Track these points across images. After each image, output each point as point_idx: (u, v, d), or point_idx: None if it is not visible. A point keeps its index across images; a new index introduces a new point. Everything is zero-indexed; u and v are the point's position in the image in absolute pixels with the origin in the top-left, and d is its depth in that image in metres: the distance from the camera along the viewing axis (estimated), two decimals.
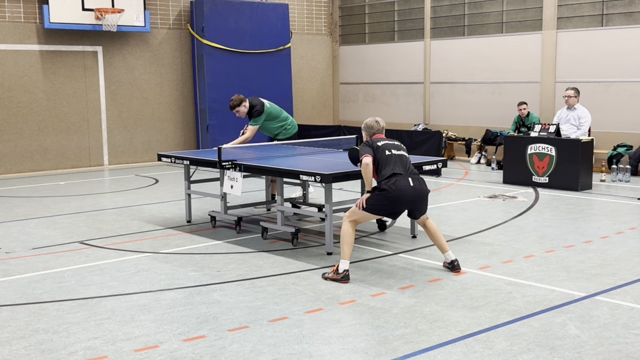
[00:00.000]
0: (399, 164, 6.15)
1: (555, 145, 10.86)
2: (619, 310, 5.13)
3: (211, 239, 7.69)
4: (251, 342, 4.61)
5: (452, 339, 4.61)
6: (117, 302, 5.50)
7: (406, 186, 6.05)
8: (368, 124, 6.50)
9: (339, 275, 5.96)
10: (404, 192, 6.04)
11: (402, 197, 6.05)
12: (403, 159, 6.24)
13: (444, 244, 6.30)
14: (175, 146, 15.51)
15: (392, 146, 6.28)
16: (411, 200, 6.11)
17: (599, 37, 13.19)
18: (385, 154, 6.18)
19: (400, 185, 6.03)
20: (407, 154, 6.37)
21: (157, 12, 15.09)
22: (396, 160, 6.17)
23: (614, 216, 8.72)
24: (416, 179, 6.16)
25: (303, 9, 17.48)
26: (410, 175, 6.14)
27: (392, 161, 6.15)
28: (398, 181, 6.05)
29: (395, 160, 6.16)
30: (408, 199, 6.09)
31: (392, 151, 6.21)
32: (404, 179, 6.07)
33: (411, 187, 6.07)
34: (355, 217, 6.17)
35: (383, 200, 6.07)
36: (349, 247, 6.03)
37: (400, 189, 6.03)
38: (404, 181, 6.06)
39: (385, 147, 6.23)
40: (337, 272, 5.99)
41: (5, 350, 4.54)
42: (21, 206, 10.05)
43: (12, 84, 13.49)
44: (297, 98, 17.20)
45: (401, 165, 6.15)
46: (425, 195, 6.24)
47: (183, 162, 8.47)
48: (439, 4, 15.77)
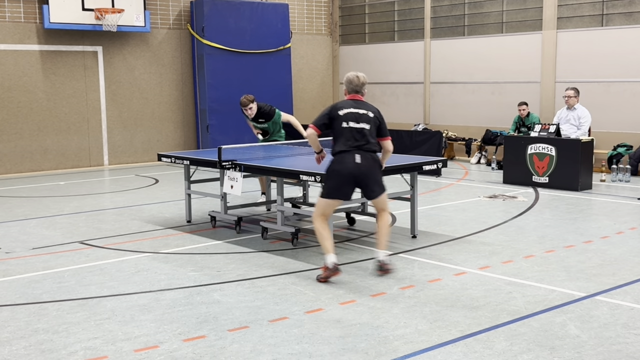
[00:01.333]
0: (350, 139, 5.89)
1: (555, 145, 10.86)
2: (619, 310, 5.13)
3: (211, 239, 7.69)
4: (251, 342, 4.61)
5: (452, 339, 4.61)
6: (117, 302, 5.50)
7: (350, 162, 5.85)
8: (348, 78, 6.12)
9: (329, 270, 5.87)
10: (348, 169, 5.85)
11: (346, 174, 5.87)
12: (360, 132, 5.92)
13: (382, 242, 6.05)
14: (175, 146, 15.51)
15: (354, 116, 5.97)
16: (356, 177, 5.90)
17: (599, 37, 13.19)
18: (342, 126, 5.93)
19: (345, 162, 5.86)
20: (369, 125, 5.98)
21: (157, 12, 15.09)
22: (350, 133, 5.91)
23: (614, 216, 8.72)
24: (366, 156, 5.89)
25: (303, 9, 17.48)
26: (360, 151, 5.89)
27: (344, 135, 5.91)
28: (344, 158, 5.87)
29: (348, 134, 5.91)
30: (352, 177, 5.88)
31: (350, 123, 5.93)
32: (350, 156, 5.86)
33: (356, 163, 5.85)
34: (319, 210, 6.05)
35: (330, 181, 5.96)
36: (327, 241, 5.93)
37: (344, 166, 5.85)
38: (350, 157, 5.86)
39: (345, 117, 5.95)
40: (326, 268, 5.92)
41: (5, 350, 4.54)
42: (21, 206, 10.06)
43: (12, 84, 13.49)
44: (297, 98, 17.19)
45: (353, 140, 5.89)
46: (371, 174, 5.94)
47: (183, 162, 8.47)
48: (439, 4, 15.77)
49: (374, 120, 6.05)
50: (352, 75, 6.14)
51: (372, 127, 6.02)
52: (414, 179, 7.57)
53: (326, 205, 6.05)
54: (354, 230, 8.09)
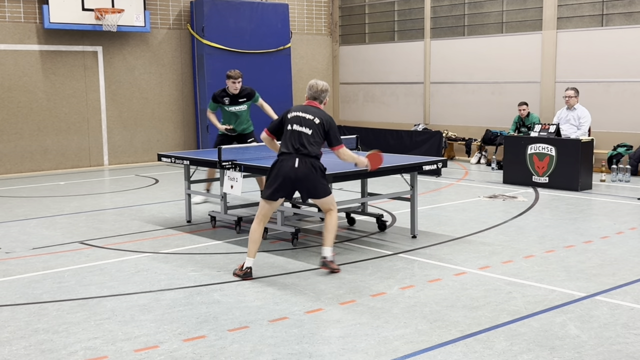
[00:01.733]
0: (292, 142, 6.05)
1: (555, 145, 10.86)
2: (619, 310, 5.13)
3: (211, 239, 7.69)
4: (251, 342, 4.61)
5: (452, 339, 4.61)
6: (117, 302, 5.50)
7: (289, 166, 5.99)
8: (310, 84, 6.30)
9: (241, 272, 6.07)
10: (286, 173, 6.00)
11: (284, 177, 6.01)
12: (301, 136, 6.05)
13: (327, 239, 6.19)
14: (175, 146, 15.51)
15: (299, 120, 6.11)
16: (293, 181, 6.02)
17: (599, 37, 13.19)
18: (287, 128, 6.13)
19: (283, 165, 6.02)
20: (311, 130, 6.06)
21: (157, 12, 15.09)
22: (292, 137, 6.06)
23: (614, 216, 8.72)
24: (304, 160, 6.00)
25: (303, 9, 17.48)
26: (299, 156, 6.01)
27: (287, 137, 6.09)
28: (283, 161, 6.04)
29: (290, 137, 6.07)
30: (289, 180, 6.01)
31: (294, 126, 6.09)
32: (289, 159, 6.01)
33: (294, 168, 5.99)
34: (259, 211, 6.17)
35: (269, 181, 6.10)
36: (254, 245, 6.09)
37: (282, 169, 6.01)
38: (290, 161, 6.01)
39: (292, 120, 6.12)
40: (241, 268, 6.10)
41: (5, 350, 4.54)
42: (21, 206, 10.05)
43: (12, 84, 13.49)
44: (297, 98, 17.18)
45: (295, 143, 6.04)
46: (308, 178, 6.03)
47: (183, 162, 8.47)
48: (439, 4, 15.77)
49: (318, 126, 6.11)
50: (313, 82, 6.34)
51: (314, 132, 6.10)
52: (414, 179, 7.57)
53: (264, 205, 6.19)
54: (354, 230, 8.10)
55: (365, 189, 8.16)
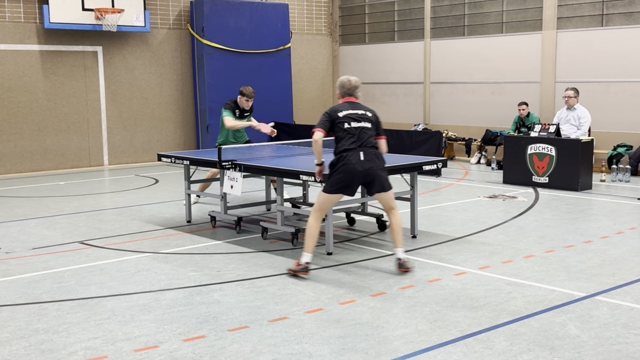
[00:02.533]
0: (354, 138, 6.06)
1: (555, 145, 10.86)
2: (619, 310, 5.13)
3: (211, 239, 7.69)
4: (251, 342, 4.61)
5: (452, 339, 4.61)
6: (117, 302, 5.50)
7: (356, 161, 6.00)
8: (341, 82, 6.34)
9: (299, 267, 6.05)
10: (354, 167, 6.00)
11: (352, 172, 6.01)
12: (362, 132, 6.09)
13: (398, 240, 6.24)
14: (175, 146, 15.51)
15: (354, 117, 6.14)
16: (362, 173, 6.04)
17: (599, 37, 13.19)
18: (344, 127, 6.09)
19: (350, 160, 6.00)
20: (370, 124, 6.17)
21: (157, 12, 15.09)
22: (352, 133, 6.07)
23: (614, 216, 8.72)
24: (369, 153, 6.06)
25: (303, 9, 17.48)
26: (364, 149, 6.05)
27: (347, 135, 6.07)
28: (349, 156, 6.01)
29: (351, 134, 6.07)
30: (358, 174, 6.03)
31: (352, 124, 6.10)
32: (355, 154, 6.01)
33: (361, 161, 6.01)
34: (318, 205, 6.19)
35: (337, 180, 6.08)
36: (312, 239, 6.10)
37: (350, 164, 5.99)
38: (355, 156, 6.01)
39: (346, 119, 6.11)
40: (298, 264, 6.08)
41: (5, 350, 4.54)
42: (21, 206, 10.06)
43: (12, 84, 13.49)
44: (297, 98, 17.20)
45: (357, 139, 6.06)
46: (376, 171, 6.09)
47: (183, 162, 8.47)
48: (439, 4, 15.77)
49: (372, 119, 6.24)
50: (345, 79, 6.35)
51: (372, 126, 6.21)
52: (414, 179, 7.57)
53: (327, 200, 6.19)
54: (354, 230, 8.10)
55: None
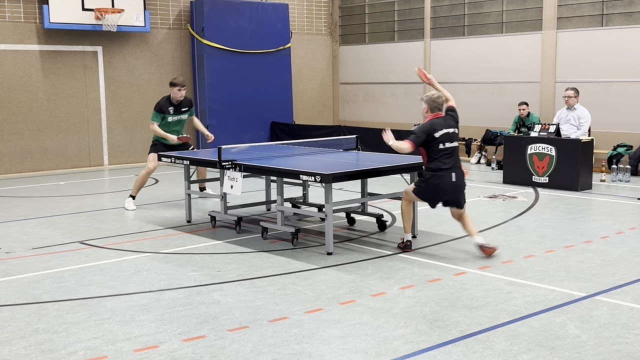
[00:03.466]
0: (448, 158, 6.59)
1: (555, 145, 10.86)
2: (619, 310, 5.13)
3: (211, 239, 7.69)
4: (251, 342, 4.61)
5: (452, 339, 4.61)
6: (117, 302, 5.50)
7: (448, 182, 6.60)
8: (432, 98, 6.76)
9: (402, 245, 6.93)
10: (445, 187, 6.63)
11: (443, 191, 6.66)
12: (453, 152, 6.65)
13: (474, 230, 6.84)
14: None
15: (448, 138, 6.61)
16: (450, 193, 6.69)
17: (599, 37, 13.18)
18: (439, 147, 6.58)
19: (443, 181, 6.59)
20: (456, 143, 6.71)
21: (157, 12, 15.09)
22: (446, 154, 6.60)
23: (614, 216, 8.72)
24: (458, 174, 6.65)
25: (303, 9, 17.47)
26: (455, 170, 6.62)
27: (442, 155, 6.59)
28: (442, 177, 6.58)
29: (445, 154, 6.59)
30: (447, 193, 6.68)
31: (446, 144, 6.60)
32: (447, 175, 6.58)
33: (452, 182, 6.62)
34: (409, 198, 6.89)
35: (426, 191, 6.71)
36: (408, 222, 6.95)
37: (442, 184, 6.60)
38: (448, 176, 6.59)
39: (443, 139, 6.59)
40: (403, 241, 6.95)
41: (5, 350, 4.54)
42: (21, 206, 10.05)
43: (12, 84, 13.49)
44: (297, 98, 17.19)
45: (450, 160, 6.60)
46: (462, 189, 6.75)
47: (183, 162, 8.47)
48: (439, 4, 15.77)
49: (457, 134, 6.80)
50: (435, 94, 6.82)
51: (456, 142, 6.77)
52: (414, 179, 7.56)
53: (414, 198, 6.90)
54: (354, 230, 8.10)
55: (365, 189, 8.15)
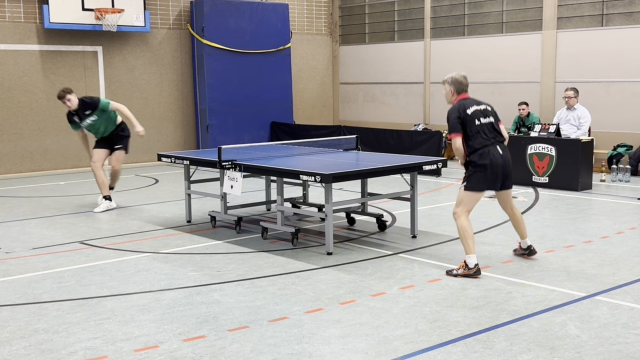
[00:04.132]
0: (487, 133, 6.20)
1: (555, 145, 10.86)
2: (619, 310, 5.13)
3: (211, 239, 7.69)
4: (251, 342, 4.61)
5: (452, 339, 4.61)
6: (117, 302, 5.50)
7: (498, 156, 6.16)
8: (457, 79, 6.45)
9: (470, 271, 6.00)
10: (497, 163, 6.16)
11: (497, 167, 6.16)
12: (490, 127, 6.26)
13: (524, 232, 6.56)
14: (175, 146, 15.51)
15: (481, 113, 6.26)
16: (503, 169, 6.21)
17: (599, 37, 13.18)
18: (475, 124, 6.19)
19: (493, 156, 6.14)
20: (493, 118, 6.33)
21: (157, 12, 15.09)
22: (485, 129, 6.21)
23: (614, 216, 8.72)
24: (503, 147, 6.26)
25: (303, 9, 17.47)
26: (498, 143, 6.23)
27: (481, 131, 6.18)
28: (490, 152, 6.13)
29: (484, 130, 6.20)
30: (501, 169, 6.19)
31: (481, 120, 6.23)
32: (494, 149, 6.17)
33: (501, 155, 6.19)
34: (465, 206, 6.19)
35: (482, 177, 6.15)
36: (471, 240, 6.10)
37: (494, 159, 6.13)
38: (495, 151, 6.16)
39: (475, 115, 6.22)
40: (467, 267, 6.02)
41: (5, 350, 4.54)
42: (21, 206, 10.05)
43: (12, 84, 13.49)
44: (297, 98, 17.19)
45: (489, 134, 6.21)
46: (509, 162, 6.30)
47: (183, 162, 8.47)
48: (439, 4, 15.77)
49: (492, 112, 6.40)
50: (459, 75, 6.52)
51: (494, 119, 6.36)
52: (414, 179, 7.57)
53: (473, 198, 6.24)
54: (354, 230, 8.10)
55: (365, 189, 8.16)
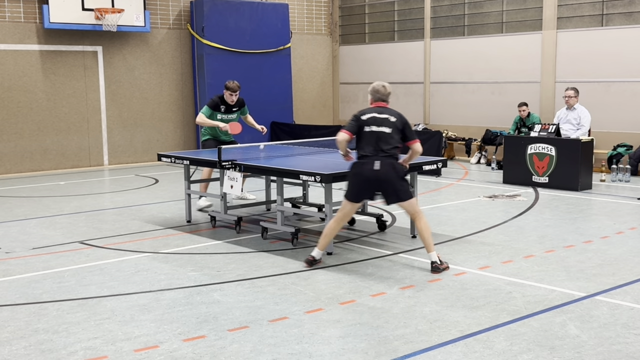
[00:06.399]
0: (371, 143, 6.10)
1: (555, 145, 10.86)
2: (619, 310, 5.13)
3: (211, 239, 7.69)
4: (251, 342, 4.61)
5: (452, 339, 4.61)
6: (117, 302, 5.50)
7: (370, 169, 6.07)
8: (374, 88, 6.39)
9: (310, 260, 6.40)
10: (367, 176, 6.09)
11: (366, 180, 6.12)
12: (380, 137, 6.10)
13: (429, 244, 6.27)
14: (175, 146, 15.51)
15: (376, 121, 6.15)
16: (375, 183, 6.12)
17: (599, 37, 13.18)
18: (364, 130, 6.14)
19: (365, 169, 6.09)
20: (390, 129, 6.13)
21: (157, 12, 15.09)
22: (371, 138, 6.11)
23: (614, 216, 8.72)
24: (385, 162, 6.07)
25: (303, 9, 17.47)
26: (379, 157, 6.07)
27: (366, 139, 6.13)
28: (364, 164, 6.12)
29: (369, 138, 6.11)
30: (372, 183, 6.12)
31: (372, 127, 6.13)
32: (370, 162, 6.08)
33: (375, 170, 6.06)
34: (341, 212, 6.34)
35: (351, 184, 6.26)
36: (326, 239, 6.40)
37: (364, 172, 6.10)
38: (369, 164, 6.07)
39: (369, 122, 6.15)
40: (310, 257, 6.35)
41: (5, 350, 4.54)
42: (21, 206, 10.05)
43: (12, 84, 13.49)
44: (297, 98, 17.19)
45: (373, 145, 6.09)
46: (389, 180, 6.10)
47: (183, 162, 8.47)
48: (439, 4, 15.77)
49: (395, 124, 6.19)
50: (379, 85, 6.42)
51: (393, 131, 6.17)
52: (414, 179, 7.57)
53: (345, 204, 6.34)
54: (354, 230, 8.10)
55: None
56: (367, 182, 6.14)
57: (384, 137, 6.13)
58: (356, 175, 6.20)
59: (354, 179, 6.24)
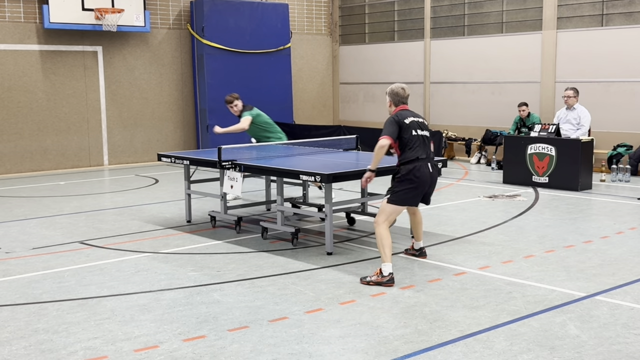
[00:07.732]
0: (422, 147, 6.14)
1: (555, 145, 10.86)
2: (619, 310, 5.13)
3: (211, 239, 7.69)
4: (251, 342, 4.61)
5: (452, 339, 4.61)
6: (117, 302, 5.50)
7: (427, 173, 6.13)
8: (395, 91, 6.39)
9: (384, 279, 5.81)
10: (425, 180, 6.12)
11: (423, 184, 6.13)
12: (425, 141, 6.22)
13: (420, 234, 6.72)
14: (175, 146, 15.51)
15: (418, 125, 6.22)
16: (428, 186, 6.22)
17: (599, 37, 13.18)
18: (412, 134, 6.14)
19: (422, 173, 6.09)
20: (429, 133, 6.31)
21: (157, 12, 15.09)
22: (420, 142, 6.15)
23: (614, 216, 8.72)
24: (433, 165, 6.26)
25: (303, 9, 17.47)
26: (430, 160, 6.19)
27: (416, 143, 6.12)
28: (421, 168, 6.08)
29: (419, 143, 6.14)
30: (427, 186, 6.20)
31: (417, 131, 6.17)
32: (425, 166, 6.12)
33: (430, 173, 6.16)
34: (386, 217, 6.04)
35: (409, 190, 6.07)
36: (387, 248, 5.90)
37: (422, 176, 6.09)
38: (425, 168, 6.12)
39: (412, 125, 6.17)
40: (381, 275, 5.84)
41: (5, 350, 4.54)
42: (21, 206, 10.05)
43: (12, 84, 13.49)
44: (297, 98, 17.19)
45: (423, 149, 6.15)
46: (435, 182, 6.32)
47: (183, 162, 8.47)
48: (439, 4, 15.77)
49: (427, 126, 6.40)
50: (399, 87, 6.46)
51: (429, 134, 6.35)
52: None
53: (395, 211, 6.14)
54: (354, 230, 8.10)
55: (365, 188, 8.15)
56: (423, 186, 6.15)
57: (427, 140, 6.26)
58: (412, 181, 6.05)
59: (412, 184, 6.06)
